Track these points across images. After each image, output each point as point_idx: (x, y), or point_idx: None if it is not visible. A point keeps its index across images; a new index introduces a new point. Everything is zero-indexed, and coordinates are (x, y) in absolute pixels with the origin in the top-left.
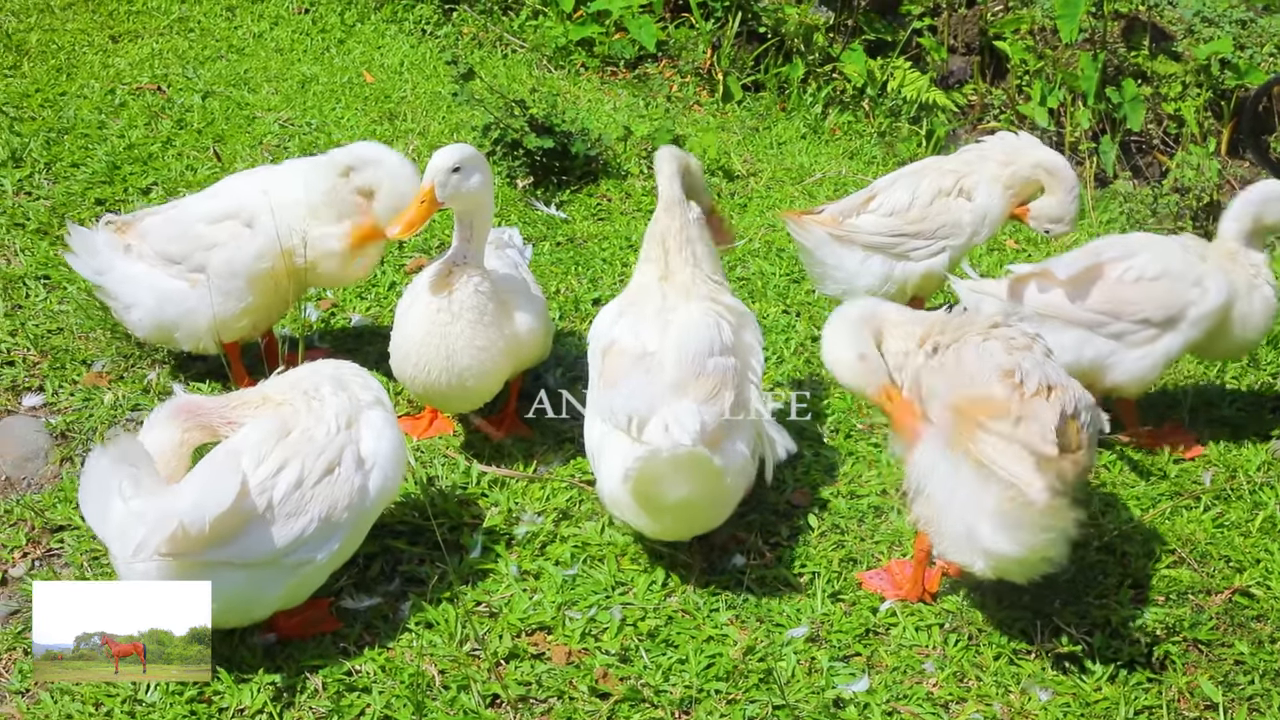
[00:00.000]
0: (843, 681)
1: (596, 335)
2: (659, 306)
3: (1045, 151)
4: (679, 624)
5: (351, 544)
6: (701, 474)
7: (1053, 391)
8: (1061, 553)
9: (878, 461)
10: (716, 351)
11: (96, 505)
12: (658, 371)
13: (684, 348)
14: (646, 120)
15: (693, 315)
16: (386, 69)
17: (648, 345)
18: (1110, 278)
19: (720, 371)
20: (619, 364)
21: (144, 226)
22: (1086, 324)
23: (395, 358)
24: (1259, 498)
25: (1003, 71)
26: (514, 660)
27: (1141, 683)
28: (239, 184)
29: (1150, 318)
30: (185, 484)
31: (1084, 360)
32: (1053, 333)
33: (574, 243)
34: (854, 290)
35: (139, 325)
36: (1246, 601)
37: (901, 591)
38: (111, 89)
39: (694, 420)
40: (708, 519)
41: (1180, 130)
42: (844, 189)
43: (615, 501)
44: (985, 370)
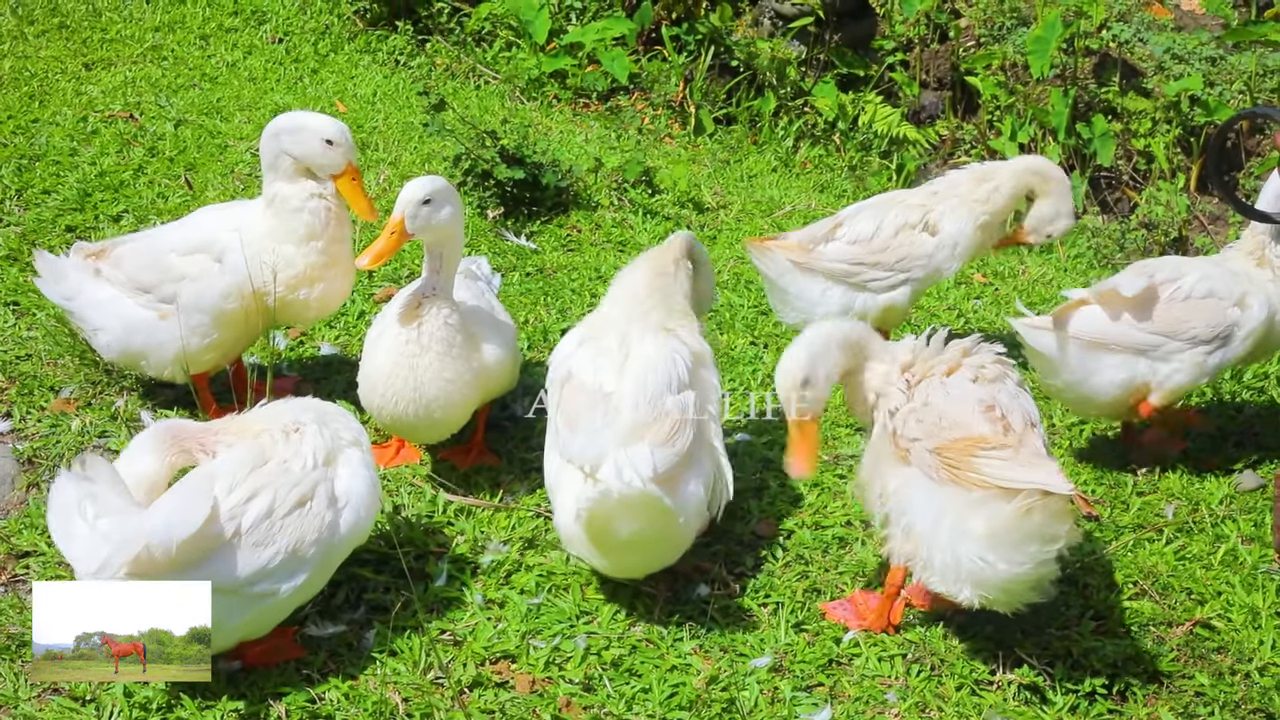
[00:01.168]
0: (805, 711)
1: (555, 363)
2: (621, 337)
3: (1023, 156)
4: (643, 653)
5: (318, 580)
6: (652, 514)
7: (1034, 428)
8: (1053, 571)
9: (842, 492)
10: (674, 389)
11: (62, 526)
12: (614, 415)
13: (642, 387)
14: (618, 152)
15: (650, 350)
16: (359, 99)
17: (604, 385)
18: (1163, 298)
19: (678, 409)
20: (577, 402)
21: (117, 254)
22: (1145, 347)
23: (363, 388)
24: (1220, 530)
25: (974, 106)
26: (478, 689)
27: (1103, 714)
28: (212, 217)
29: (1200, 335)
30: (156, 505)
31: (1136, 380)
32: (1098, 359)
33: (543, 273)
34: (813, 318)
35: (107, 349)
36: (1207, 634)
37: (865, 622)
38: (84, 116)
39: (646, 463)
40: (660, 557)
41: (1150, 166)
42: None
43: (570, 538)
44: (965, 406)
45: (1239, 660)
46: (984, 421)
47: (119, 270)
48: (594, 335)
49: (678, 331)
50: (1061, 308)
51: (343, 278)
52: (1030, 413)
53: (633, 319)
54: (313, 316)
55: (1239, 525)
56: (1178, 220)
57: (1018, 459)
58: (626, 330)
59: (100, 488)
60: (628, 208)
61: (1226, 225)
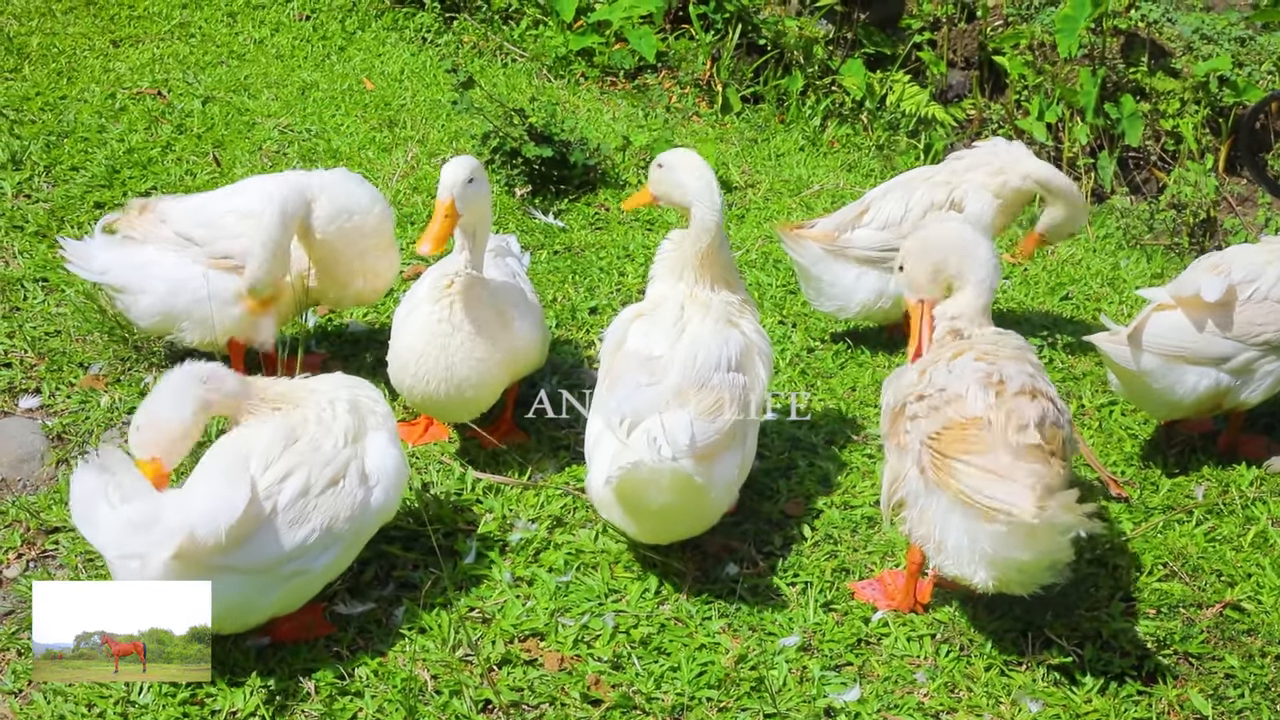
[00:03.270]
0: (834, 691)
1: (610, 333)
2: (676, 316)
3: (1035, 163)
4: (671, 632)
5: (348, 556)
6: (682, 489)
7: (1037, 396)
8: (1068, 556)
9: (872, 472)
10: (725, 368)
11: (86, 513)
12: (661, 374)
13: (693, 356)
14: (645, 130)
15: (707, 328)
16: (386, 76)
17: (655, 350)
18: (1241, 298)
19: (726, 387)
20: (626, 364)
21: (163, 209)
22: (1225, 356)
23: (393, 367)
24: (1251, 512)
25: (1001, 86)
26: (506, 666)
27: (1132, 695)
28: (269, 184)
29: (1271, 341)
30: (194, 488)
31: (1221, 385)
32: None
33: (571, 251)
34: (849, 306)
35: (146, 314)
36: (1237, 616)
37: (893, 602)
38: (112, 93)
39: (684, 433)
40: (689, 528)
41: (1178, 147)
42: (841, 201)
43: (600, 501)
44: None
45: (1269, 642)
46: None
47: (164, 226)
48: (652, 310)
49: (740, 324)
50: (1141, 316)
51: (390, 270)
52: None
53: (690, 302)
54: (354, 300)
55: (1269, 507)
56: (1206, 201)
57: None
58: (684, 309)
59: (120, 477)
60: None
61: (1255, 206)
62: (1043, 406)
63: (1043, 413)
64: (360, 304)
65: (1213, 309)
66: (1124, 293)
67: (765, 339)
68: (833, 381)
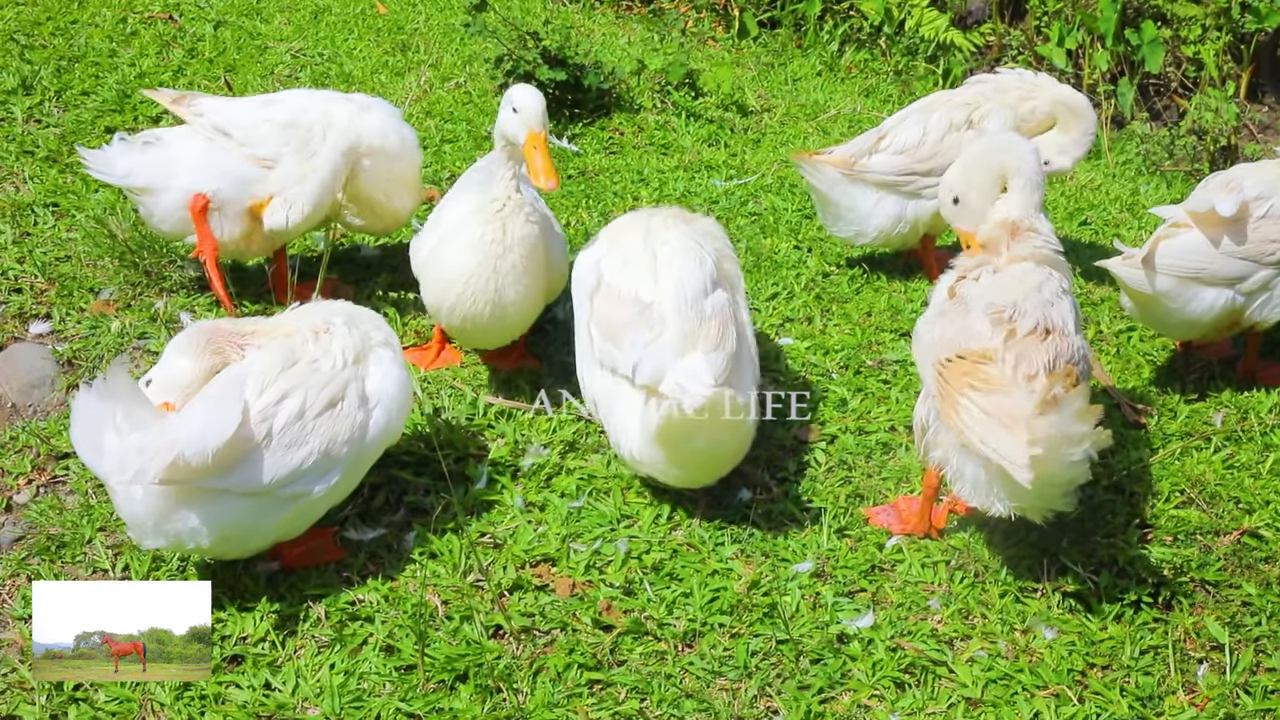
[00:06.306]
0: (847, 617)
1: (581, 278)
2: (644, 235)
3: (1067, 89)
4: (684, 558)
5: (350, 480)
6: (725, 419)
7: (1050, 335)
8: (1083, 473)
9: (886, 398)
10: (709, 289)
11: (90, 440)
12: (660, 326)
13: (680, 293)
14: (660, 55)
15: (677, 252)
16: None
17: (641, 293)
18: (1255, 216)
19: (718, 310)
20: (616, 313)
21: (200, 105)
22: (1240, 276)
23: (435, 287)
24: (1270, 440)
25: (1021, 12)
26: (518, 591)
27: (1147, 622)
28: (308, 99)
29: None
30: (187, 411)
31: (1236, 303)
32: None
33: (585, 176)
34: (866, 231)
35: (168, 212)
36: (1255, 543)
37: (908, 527)
38: (123, 17)
39: (707, 370)
40: (732, 459)
41: (1199, 73)
42: (859, 126)
43: (638, 459)
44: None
45: None
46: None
47: (202, 119)
48: (616, 237)
49: (695, 220)
50: (1153, 239)
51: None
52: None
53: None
54: (380, 228)
55: None
56: (1227, 128)
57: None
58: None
59: (125, 403)
60: (670, 110)
61: (1277, 134)
62: (1055, 345)
63: (1055, 353)
64: (380, 234)
65: (1228, 225)
66: (1143, 218)
67: (717, 225)
68: (848, 306)
